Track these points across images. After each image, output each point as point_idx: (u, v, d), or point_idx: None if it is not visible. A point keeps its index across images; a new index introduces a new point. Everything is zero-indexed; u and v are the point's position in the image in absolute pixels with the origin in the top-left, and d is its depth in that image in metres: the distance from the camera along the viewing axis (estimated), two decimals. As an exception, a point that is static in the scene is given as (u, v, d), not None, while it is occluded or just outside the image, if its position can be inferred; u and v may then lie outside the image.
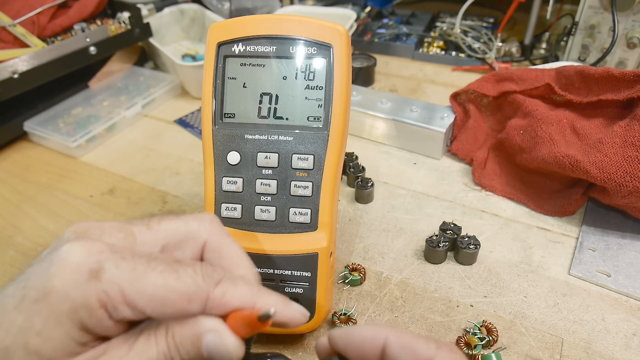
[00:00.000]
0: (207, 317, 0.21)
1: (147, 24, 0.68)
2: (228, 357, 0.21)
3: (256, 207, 0.33)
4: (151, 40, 0.69)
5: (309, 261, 0.32)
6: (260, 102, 0.33)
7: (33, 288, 0.20)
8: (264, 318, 0.20)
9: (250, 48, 0.33)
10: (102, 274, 0.20)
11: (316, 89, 0.32)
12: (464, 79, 0.67)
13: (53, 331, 0.20)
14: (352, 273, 0.39)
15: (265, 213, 0.33)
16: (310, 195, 0.32)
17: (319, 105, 0.32)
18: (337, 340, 0.23)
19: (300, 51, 0.32)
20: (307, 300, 0.32)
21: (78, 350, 0.20)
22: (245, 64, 0.33)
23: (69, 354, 0.20)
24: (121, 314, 0.20)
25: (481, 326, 0.34)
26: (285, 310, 0.22)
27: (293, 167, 0.32)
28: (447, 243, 0.40)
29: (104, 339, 0.21)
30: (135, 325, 0.22)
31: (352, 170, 0.49)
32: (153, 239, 0.24)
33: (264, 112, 0.33)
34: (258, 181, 0.33)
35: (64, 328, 0.20)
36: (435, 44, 0.76)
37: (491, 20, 0.80)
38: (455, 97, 0.55)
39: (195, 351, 0.21)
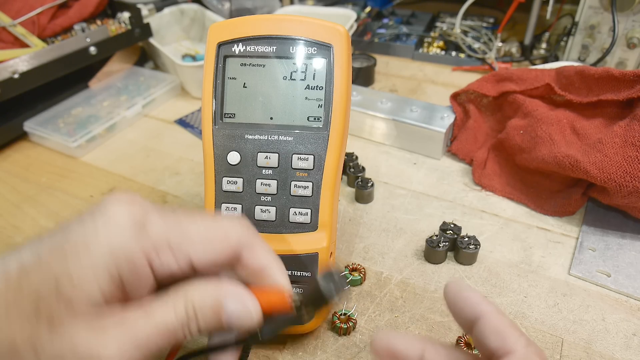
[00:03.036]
0: (229, 282, 0.22)
1: (147, 24, 0.68)
2: (249, 323, 0.22)
3: (256, 207, 0.33)
4: (151, 40, 0.69)
5: (309, 261, 0.32)
6: (261, 102, 0.33)
7: (74, 240, 0.20)
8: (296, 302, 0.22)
9: (250, 48, 0.33)
10: (149, 227, 0.21)
11: (316, 89, 0.32)
12: (464, 79, 0.67)
13: (88, 282, 0.19)
14: (352, 273, 0.39)
15: (265, 213, 0.33)
16: (310, 195, 0.32)
17: (319, 105, 0.32)
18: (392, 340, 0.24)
19: (300, 51, 0.32)
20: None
21: (101, 306, 0.20)
22: (245, 64, 0.33)
23: (94, 307, 0.20)
24: (166, 263, 0.21)
25: (481, 326, 0.34)
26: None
27: (293, 167, 0.32)
28: (447, 243, 0.40)
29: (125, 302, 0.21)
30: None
31: (352, 170, 0.49)
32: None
33: (264, 112, 0.33)
34: (258, 181, 0.33)
35: (99, 281, 0.20)
36: (435, 44, 0.76)
37: (491, 20, 0.80)
38: (455, 97, 0.55)
39: (214, 319, 0.21)
